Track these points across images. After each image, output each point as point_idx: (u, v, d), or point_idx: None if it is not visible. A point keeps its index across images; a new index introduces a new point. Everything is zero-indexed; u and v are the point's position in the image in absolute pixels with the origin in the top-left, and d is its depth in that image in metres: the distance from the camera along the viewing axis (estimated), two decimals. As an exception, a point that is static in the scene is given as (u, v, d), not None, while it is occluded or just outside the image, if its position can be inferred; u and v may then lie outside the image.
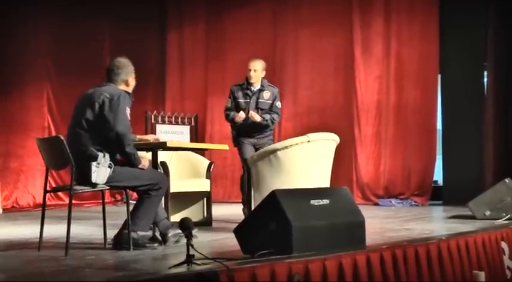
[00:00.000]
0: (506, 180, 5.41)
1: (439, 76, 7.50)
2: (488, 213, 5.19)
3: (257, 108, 5.30)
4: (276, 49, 7.97)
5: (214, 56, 8.67)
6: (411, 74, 7.35)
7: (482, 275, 3.77)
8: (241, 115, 5.22)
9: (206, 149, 5.82)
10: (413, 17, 7.36)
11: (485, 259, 4.10)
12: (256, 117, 5.18)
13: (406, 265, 3.38)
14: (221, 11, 8.73)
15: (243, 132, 5.32)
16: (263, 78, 5.43)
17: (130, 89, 3.62)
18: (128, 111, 3.45)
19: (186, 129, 7.70)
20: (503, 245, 4.42)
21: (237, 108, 5.35)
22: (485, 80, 7.41)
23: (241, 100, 5.35)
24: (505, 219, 4.96)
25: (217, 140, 7.99)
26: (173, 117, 7.65)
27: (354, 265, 3.16)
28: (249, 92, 5.35)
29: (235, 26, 8.47)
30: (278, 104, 5.45)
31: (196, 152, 5.65)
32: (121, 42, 8.00)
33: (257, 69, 5.27)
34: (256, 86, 5.33)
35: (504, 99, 6.94)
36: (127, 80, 3.56)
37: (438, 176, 7.82)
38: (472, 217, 5.19)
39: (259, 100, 5.33)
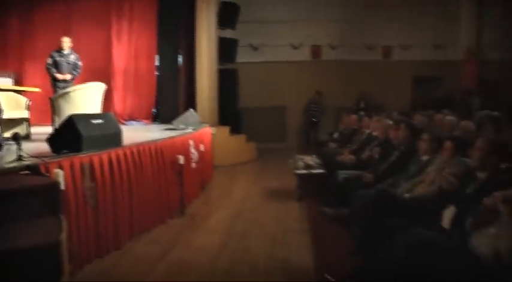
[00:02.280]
0: (191, 109, 7.21)
1: (157, 55, 9.43)
2: (182, 126, 6.68)
3: (68, 64, 6.59)
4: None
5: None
6: (142, 53, 9.34)
7: (181, 158, 5.17)
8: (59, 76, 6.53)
9: (23, 90, 6.66)
10: (143, 18, 9.31)
11: (182, 149, 5.48)
12: (67, 77, 6.54)
13: (145, 155, 4.55)
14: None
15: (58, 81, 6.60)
16: (70, 47, 6.70)
17: None
18: None
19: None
20: (190, 141, 5.88)
21: (55, 64, 6.58)
22: (180, 60, 9.44)
23: (57, 59, 6.62)
24: (191, 129, 6.52)
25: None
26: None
27: (117, 156, 4.08)
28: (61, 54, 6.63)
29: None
30: (79, 64, 6.78)
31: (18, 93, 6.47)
32: None
33: (67, 42, 6.69)
34: (67, 51, 6.67)
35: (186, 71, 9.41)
36: None
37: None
38: (175, 129, 6.62)
39: (68, 60, 6.63)
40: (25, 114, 6.18)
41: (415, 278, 2.30)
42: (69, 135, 3.86)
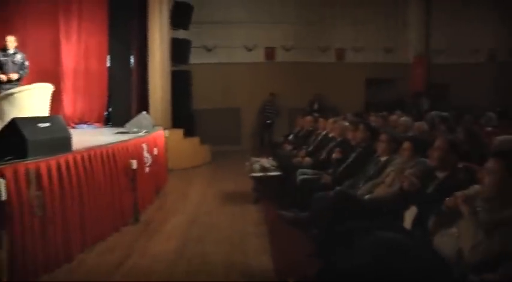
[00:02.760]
0: (144, 112, 6.98)
1: (108, 56, 9.06)
2: (135, 129, 6.46)
3: (14, 63, 6.36)
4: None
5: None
6: (93, 53, 8.90)
7: (134, 162, 5.01)
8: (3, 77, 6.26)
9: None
10: (93, 17, 8.88)
11: (135, 153, 5.32)
12: (14, 76, 6.31)
13: (96, 161, 4.33)
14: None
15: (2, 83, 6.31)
16: (15, 47, 6.48)
17: None
18: None
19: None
20: (144, 145, 5.74)
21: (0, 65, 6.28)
22: (132, 61, 9.27)
23: (2, 59, 6.40)
24: (144, 132, 6.32)
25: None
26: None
27: (66, 161, 3.87)
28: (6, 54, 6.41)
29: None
30: (26, 63, 6.54)
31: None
32: None
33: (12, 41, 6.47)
34: (12, 51, 6.43)
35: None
36: None
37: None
38: (127, 132, 6.40)
39: (14, 59, 6.40)
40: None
41: (380, 280, 2.30)
42: (13, 140, 3.64)
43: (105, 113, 9.16)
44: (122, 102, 8.88)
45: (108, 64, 9.06)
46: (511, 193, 2.22)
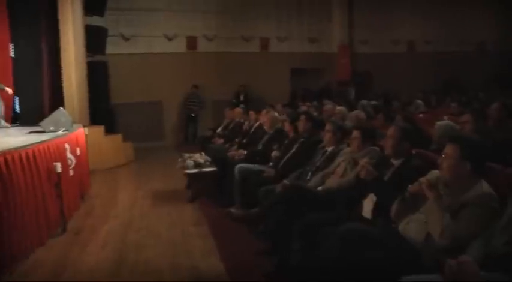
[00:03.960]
0: (61, 108, 6.43)
1: (11, 45, 8.01)
2: (52, 128, 5.97)
3: None
4: None
5: None
6: None
7: (58, 165, 4.67)
8: None
9: None
10: None
11: (58, 155, 4.94)
12: None
13: (15, 165, 3.89)
14: None
15: None
16: None
17: None
18: None
19: None
20: (66, 145, 5.39)
21: None
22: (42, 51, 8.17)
23: None
24: (63, 131, 5.87)
25: None
26: None
27: None
28: None
29: None
30: None
31: None
32: None
33: None
34: None
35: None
36: None
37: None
38: (43, 131, 5.86)
39: None
40: None
41: (350, 273, 2.35)
42: None
43: (12, 111, 8.18)
44: (31, 98, 8.11)
45: (11, 54, 8.15)
46: (468, 176, 2.33)
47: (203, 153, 6.54)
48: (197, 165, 5.98)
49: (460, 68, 13.62)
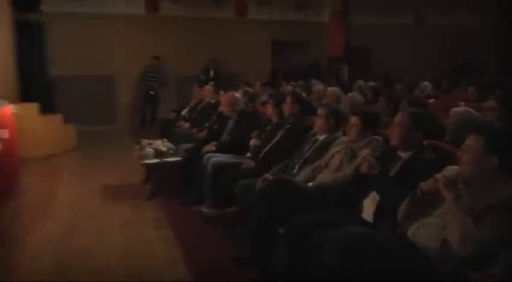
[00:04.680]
0: None
1: None
2: None
3: None
4: None
5: None
6: None
7: None
8: None
9: None
10: None
11: None
12: None
13: None
14: None
15: None
16: None
17: None
18: None
19: None
20: None
21: None
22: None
23: None
24: None
25: None
26: None
27: None
28: None
29: None
30: None
31: None
32: None
33: None
34: None
35: None
36: None
37: None
38: None
39: None
40: None
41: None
42: None
43: None
44: None
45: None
46: (494, 173, 2.36)
47: (165, 140, 6.49)
48: (158, 154, 5.96)
49: (479, 46, 13.62)
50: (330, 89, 6.66)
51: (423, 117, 3.20)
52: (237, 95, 6.13)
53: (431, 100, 7.37)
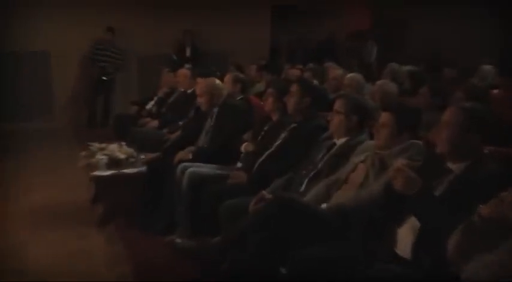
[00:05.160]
0: None
1: None
2: None
3: None
4: None
5: None
6: None
7: None
8: None
9: None
10: None
11: None
12: None
13: None
14: None
15: None
16: None
17: None
18: None
19: None
20: None
21: None
22: None
23: None
24: None
25: None
26: None
27: None
28: None
29: None
30: None
31: None
32: None
33: None
34: None
35: None
36: None
37: None
38: None
39: None
40: None
41: None
42: None
43: None
44: None
45: None
46: None
47: (123, 144, 6.52)
48: (113, 163, 5.97)
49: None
50: (350, 75, 6.68)
51: (483, 114, 3.18)
52: (218, 81, 6.11)
53: (495, 91, 7.34)
